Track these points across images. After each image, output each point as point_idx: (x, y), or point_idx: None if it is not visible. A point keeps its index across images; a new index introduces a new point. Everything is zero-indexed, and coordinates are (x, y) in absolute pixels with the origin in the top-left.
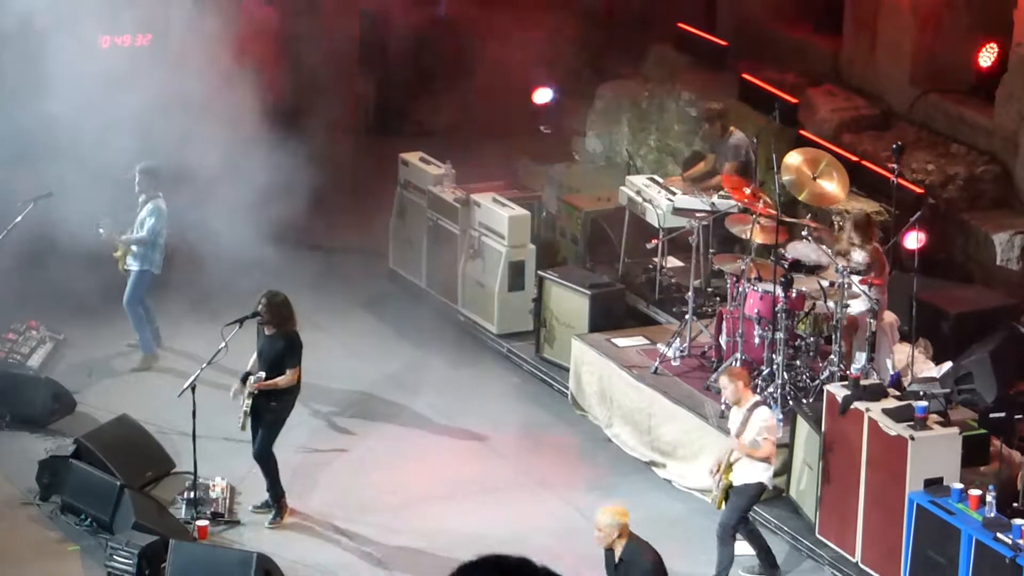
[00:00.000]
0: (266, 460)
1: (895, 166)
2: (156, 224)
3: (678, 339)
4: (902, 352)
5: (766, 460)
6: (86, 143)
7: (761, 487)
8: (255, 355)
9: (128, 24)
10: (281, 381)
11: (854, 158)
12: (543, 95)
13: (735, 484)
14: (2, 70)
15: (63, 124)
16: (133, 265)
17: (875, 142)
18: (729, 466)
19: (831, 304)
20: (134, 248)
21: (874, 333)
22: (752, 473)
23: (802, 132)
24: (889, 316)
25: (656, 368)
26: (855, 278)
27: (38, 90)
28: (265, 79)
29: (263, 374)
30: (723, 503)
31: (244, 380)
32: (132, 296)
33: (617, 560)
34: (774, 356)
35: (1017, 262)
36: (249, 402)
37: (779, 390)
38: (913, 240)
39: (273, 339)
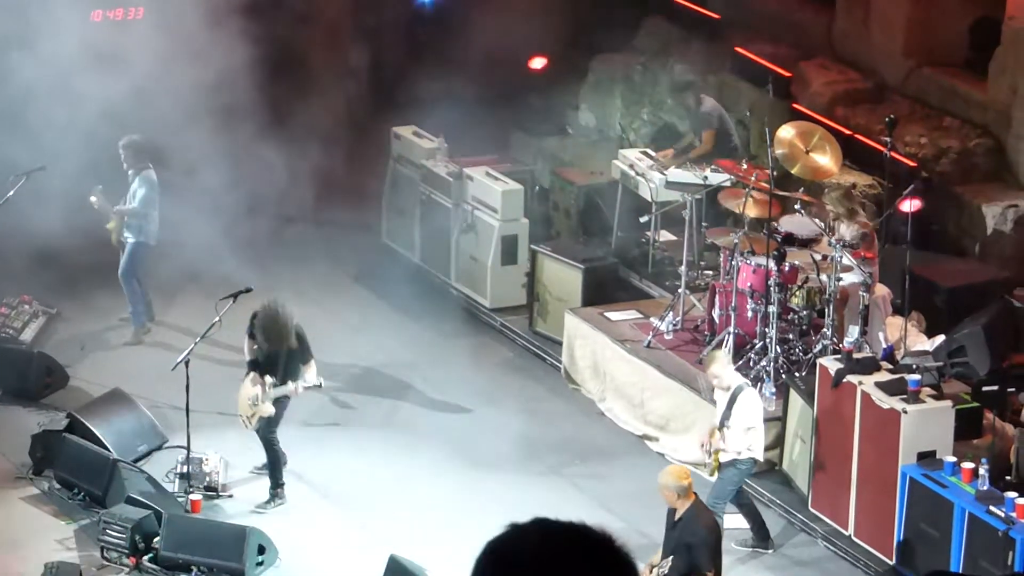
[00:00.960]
0: (270, 444)
1: (888, 139)
2: (148, 194)
3: (671, 313)
4: (895, 325)
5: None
6: (78, 117)
7: (752, 462)
8: (245, 349)
9: None
10: (311, 377)
11: (847, 131)
12: (539, 62)
13: (724, 461)
14: None
15: (55, 99)
16: (129, 237)
17: (868, 115)
18: (717, 450)
19: (824, 277)
20: (128, 220)
21: (867, 306)
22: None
23: (795, 105)
24: (882, 289)
25: (649, 342)
26: (847, 251)
27: (30, 64)
28: (258, 53)
29: (294, 386)
30: (716, 472)
31: (257, 371)
32: (127, 268)
33: (677, 519)
34: (767, 330)
35: (1010, 235)
36: (272, 411)
37: (772, 364)
38: (908, 205)
39: (272, 352)
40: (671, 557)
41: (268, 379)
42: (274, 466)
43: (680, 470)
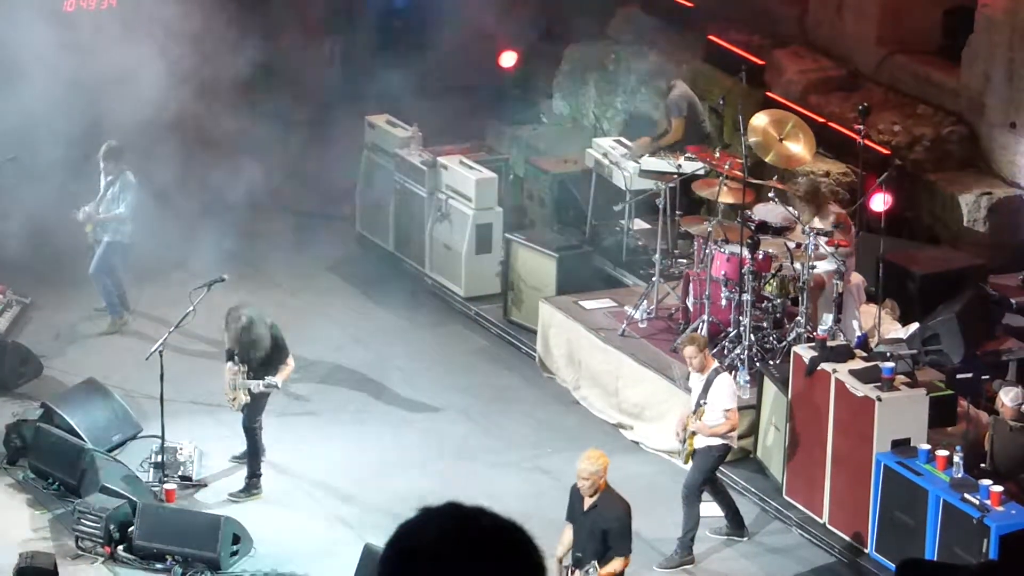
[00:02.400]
0: (252, 433)
1: (862, 127)
2: (133, 198)
3: (645, 301)
4: (869, 313)
5: (732, 430)
6: (50, 108)
7: (726, 449)
8: (226, 339)
9: None
10: (287, 373)
11: (820, 119)
12: (509, 58)
13: (698, 448)
14: None
15: (27, 89)
16: (104, 236)
17: (842, 103)
18: (693, 433)
19: (798, 266)
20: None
21: (840, 294)
22: (717, 437)
23: (769, 94)
24: (856, 277)
25: (623, 330)
26: (822, 239)
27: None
28: (232, 42)
29: (273, 380)
30: (690, 460)
31: (233, 360)
32: (99, 266)
33: (588, 507)
34: (741, 318)
35: (983, 223)
36: (247, 398)
37: (746, 352)
38: (880, 202)
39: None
40: (594, 564)
41: (244, 368)
42: (253, 456)
43: (599, 455)
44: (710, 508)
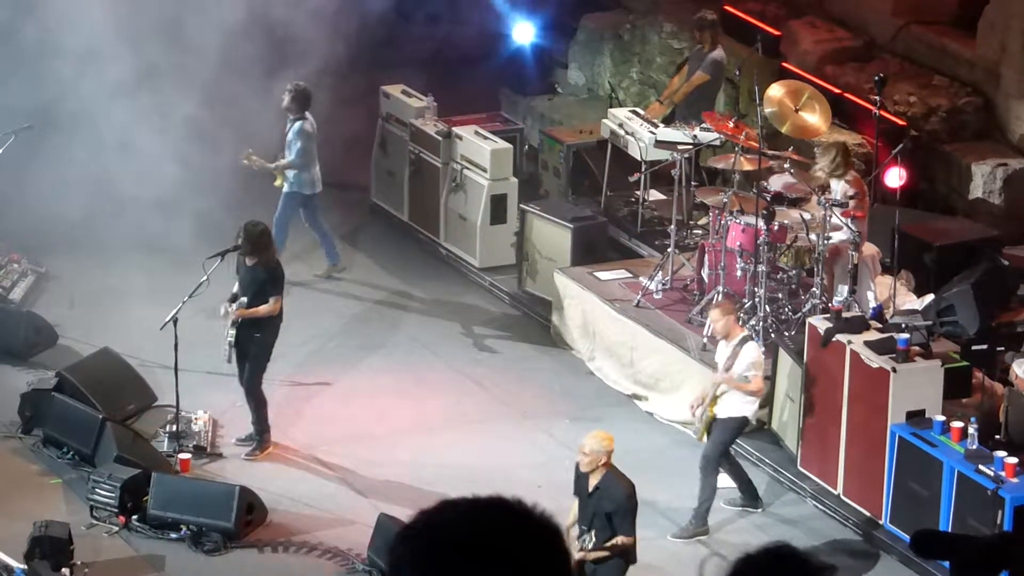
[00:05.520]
0: (254, 393)
1: (877, 98)
2: (304, 145)
3: (660, 272)
4: (884, 284)
5: (755, 394)
6: (70, 71)
7: (744, 421)
8: (236, 286)
9: None
10: (263, 309)
11: (836, 90)
12: (524, 30)
13: (719, 417)
14: None
15: (47, 51)
16: (284, 186)
17: (857, 74)
18: (715, 399)
19: (813, 236)
20: (288, 173)
21: (856, 265)
22: (737, 407)
23: (784, 64)
24: (871, 248)
25: (638, 301)
26: (837, 210)
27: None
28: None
29: (245, 299)
30: (705, 436)
31: (233, 301)
32: (279, 219)
33: (592, 488)
34: (756, 289)
35: (999, 194)
36: (233, 332)
37: (761, 323)
38: (895, 176)
39: (254, 269)
40: (591, 533)
41: (233, 305)
42: (259, 413)
43: (605, 435)
44: (725, 479)
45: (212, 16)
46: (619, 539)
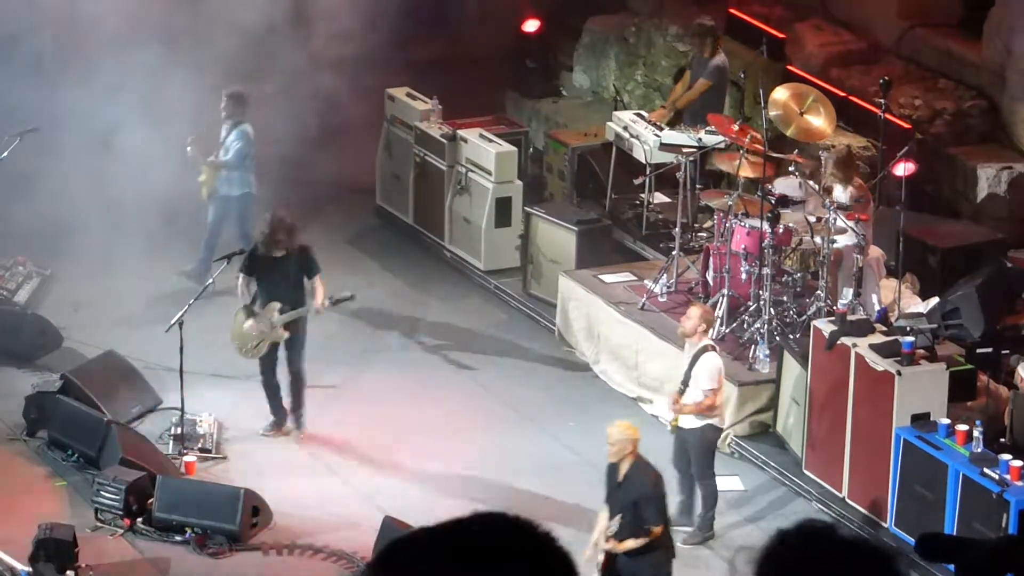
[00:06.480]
0: (303, 374)
1: (882, 101)
2: (243, 148)
3: (665, 275)
4: (889, 287)
5: (712, 410)
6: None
7: (713, 429)
8: (254, 290)
9: None
10: (322, 290)
11: (841, 93)
12: (532, 25)
13: (683, 427)
14: None
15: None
16: (232, 190)
17: (862, 77)
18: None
19: (818, 239)
20: (228, 174)
21: (861, 268)
22: (698, 419)
23: (790, 67)
24: (875, 251)
25: (643, 304)
26: (841, 214)
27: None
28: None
29: (303, 309)
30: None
31: (281, 312)
32: (243, 225)
33: (621, 477)
34: (761, 292)
35: (1004, 197)
36: (286, 335)
37: (766, 326)
38: (902, 169)
39: (284, 260)
40: (618, 516)
41: (275, 305)
42: (300, 393)
43: (629, 426)
44: (729, 482)
45: (222, 17)
46: (645, 528)
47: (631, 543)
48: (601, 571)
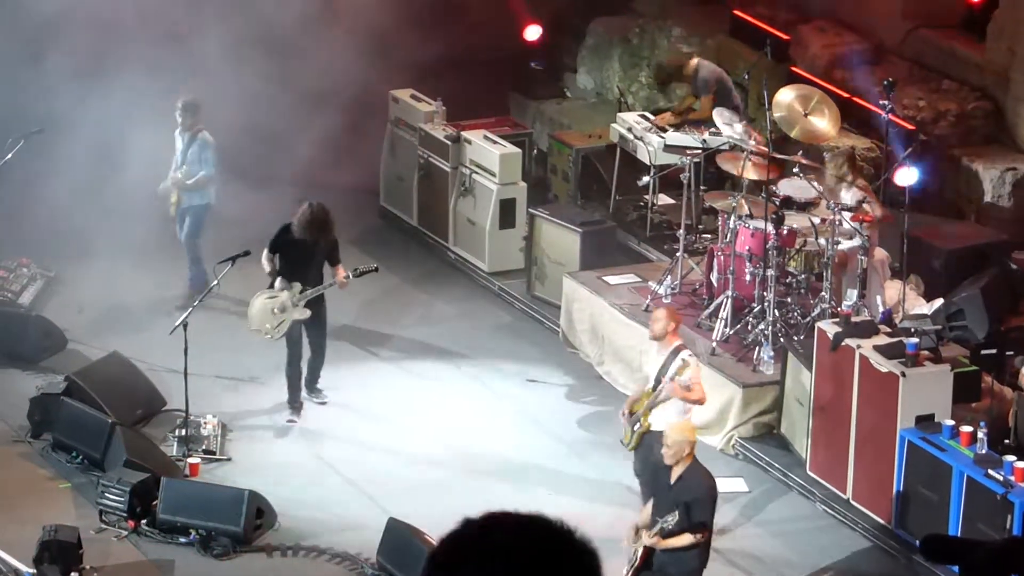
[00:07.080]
0: (323, 351)
1: (887, 102)
2: (214, 156)
3: (669, 276)
4: (893, 289)
5: (699, 403)
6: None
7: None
8: (267, 253)
9: None
10: (343, 271)
11: (845, 94)
12: (533, 32)
13: (654, 429)
14: None
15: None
16: (193, 200)
17: (867, 78)
18: (649, 409)
19: (822, 241)
20: (192, 184)
21: (865, 270)
22: (673, 419)
23: (794, 68)
24: (880, 253)
25: (647, 305)
26: (847, 215)
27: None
28: (256, 15)
29: (342, 277)
30: (637, 447)
31: (282, 279)
32: (193, 231)
33: (675, 479)
34: (765, 293)
35: (1008, 198)
36: (308, 312)
37: (770, 327)
38: (905, 176)
39: (315, 245)
40: (674, 514)
41: (296, 285)
42: (319, 369)
43: (688, 426)
44: (731, 483)
45: (222, 23)
46: (694, 531)
47: (674, 541)
48: (638, 565)
